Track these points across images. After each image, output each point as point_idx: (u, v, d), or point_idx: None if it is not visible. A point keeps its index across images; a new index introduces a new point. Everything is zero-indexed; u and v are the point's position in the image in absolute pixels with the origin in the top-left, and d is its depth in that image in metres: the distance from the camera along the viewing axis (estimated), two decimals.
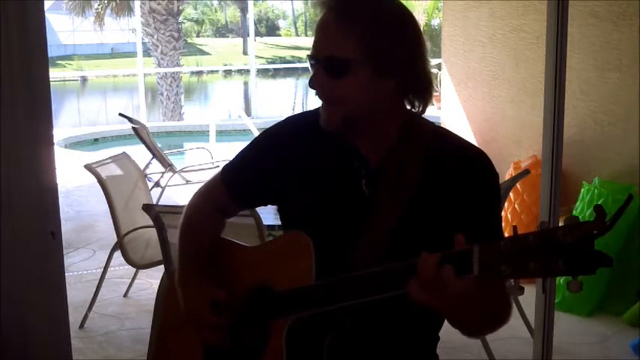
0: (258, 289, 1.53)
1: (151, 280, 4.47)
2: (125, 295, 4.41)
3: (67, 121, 17.33)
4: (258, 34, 35.35)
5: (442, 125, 5.91)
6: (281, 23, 45.03)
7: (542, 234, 1.11)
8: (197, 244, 1.65)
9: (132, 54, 21.67)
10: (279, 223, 1.65)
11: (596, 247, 1.09)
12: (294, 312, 1.44)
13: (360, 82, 1.41)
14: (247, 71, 19.91)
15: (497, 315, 1.43)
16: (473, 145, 1.53)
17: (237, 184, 1.63)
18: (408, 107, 1.49)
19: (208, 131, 9.89)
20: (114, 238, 3.94)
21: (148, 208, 2.91)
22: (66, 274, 2.23)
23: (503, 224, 1.52)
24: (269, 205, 1.72)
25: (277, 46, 37.73)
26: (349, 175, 1.49)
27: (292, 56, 33.04)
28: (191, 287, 1.60)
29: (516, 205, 4.66)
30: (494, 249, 1.15)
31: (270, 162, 1.56)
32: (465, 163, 1.47)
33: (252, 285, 1.55)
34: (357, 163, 1.49)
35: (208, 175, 1.70)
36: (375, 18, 1.41)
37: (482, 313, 1.33)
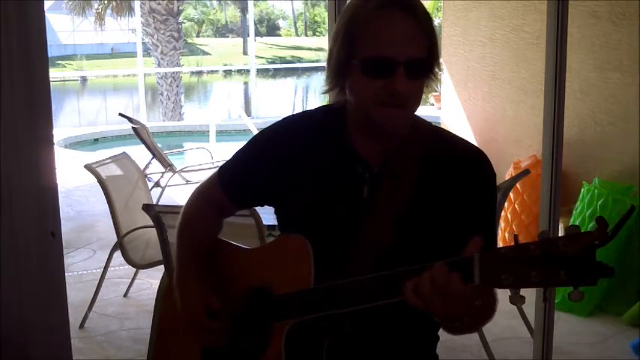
0: (257, 291, 1.52)
1: (151, 280, 4.47)
2: (125, 295, 4.41)
3: (67, 121, 17.34)
4: (258, 34, 35.34)
5: (442, 125, 5.91)
6: (281, 23, 45.02)
7: (543, 244, 1.10)
8: (195, 244, 1.63)
9: (132, 54, 21.68)
10: None
11: None
12: (293, 316, 1.43)
13: (424, 84, 1.42)
14: (247, 71, 19.91)
15: (486, 313, 1.42)
16: (472, 145, 1.53)
17: (234, 185, 1.60)
18: None
19: (208, 131, 9.89)
20: (114, 238, 3.94)
21: (148, 208, 2.91)
22: (66, 274, 2.23)
23: (503, 224, 1.52)
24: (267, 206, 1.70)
25: (277, 46, 37.70)
26: (351, 180, 1.47)
27: (292, 56, 33.05)
28: (188, 289, 1.59)
29: (516, 205, 4.65)
30: (495, 258, 1.14)
31: (268, 162, 1.53)
32: (465, 163, 1.47)
33: (250, 287, 1.54)
34: (359, 168, 1.47)
35: (208, 176, 1.69)
36: (430, 19, 1.41)
37: (474, 314, 1.31)
